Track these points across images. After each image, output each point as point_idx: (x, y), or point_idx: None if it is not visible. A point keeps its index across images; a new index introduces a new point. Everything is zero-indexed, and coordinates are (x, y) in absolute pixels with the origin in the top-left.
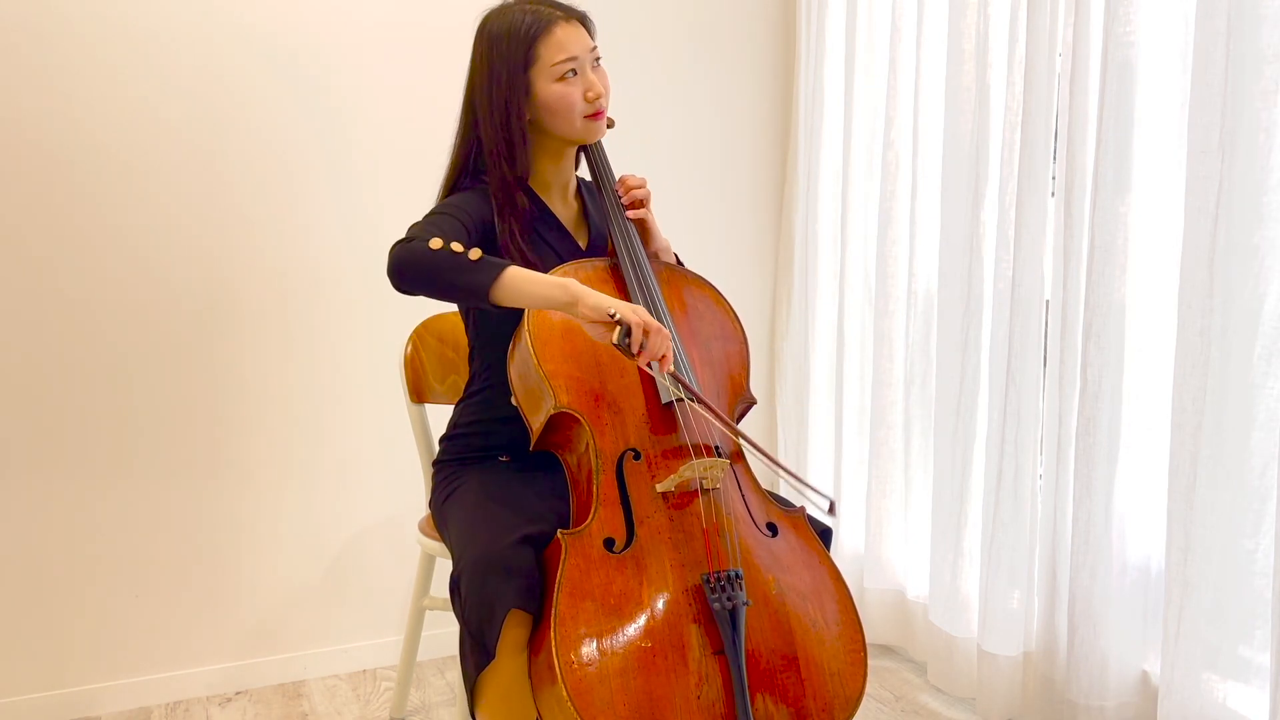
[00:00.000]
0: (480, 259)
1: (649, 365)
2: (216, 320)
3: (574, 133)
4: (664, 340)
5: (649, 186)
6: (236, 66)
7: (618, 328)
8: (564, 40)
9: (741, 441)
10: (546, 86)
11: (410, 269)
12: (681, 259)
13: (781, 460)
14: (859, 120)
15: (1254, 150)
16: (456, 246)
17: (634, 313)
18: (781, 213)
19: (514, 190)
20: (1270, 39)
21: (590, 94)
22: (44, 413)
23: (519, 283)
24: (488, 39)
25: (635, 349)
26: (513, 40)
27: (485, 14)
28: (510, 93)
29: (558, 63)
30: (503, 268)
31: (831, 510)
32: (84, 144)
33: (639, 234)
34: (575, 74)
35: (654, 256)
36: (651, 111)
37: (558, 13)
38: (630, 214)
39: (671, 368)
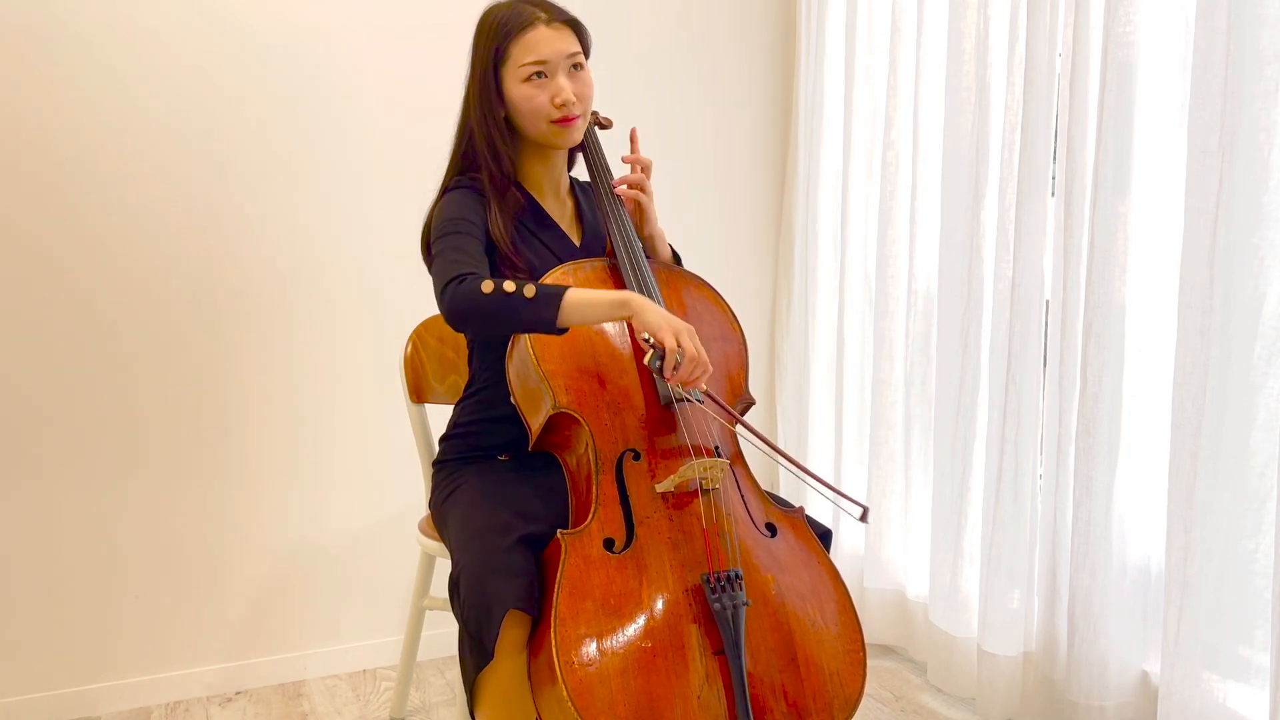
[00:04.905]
0: (536, 295)
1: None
2: (215, 320)
3: (541, 136)
4: (696, 368)
5: (650, 172)
6: (236, 66)
7: (650, 351)
8: (535, 42)
9: (775, 455)
10: (514, 87)
11: (471, 317)
12: (677, 250)
13: (810, 469)
14: (859, 120)
15: (1254, 150)
16: (509, 286)
17: (674, 336)
18: (781, 213)
19: (504, 186)
20: (1270, 39)
21: (556, 99)
22: (43, 413)
23: (580, 306)
24: (476, 33)
25: (668, 374)
26: (490, 37)
27: (485, 9)
28: (484, 89)
29: (524, 64)
30: (560, 296)
31: (864, 518)
32: (84, 146)
33: (635, 216)
34: (543, 76)
35: (648, 240)
36: (651, 112)
37: (542, 15)
38: (629, 193)
39: (704, 387)
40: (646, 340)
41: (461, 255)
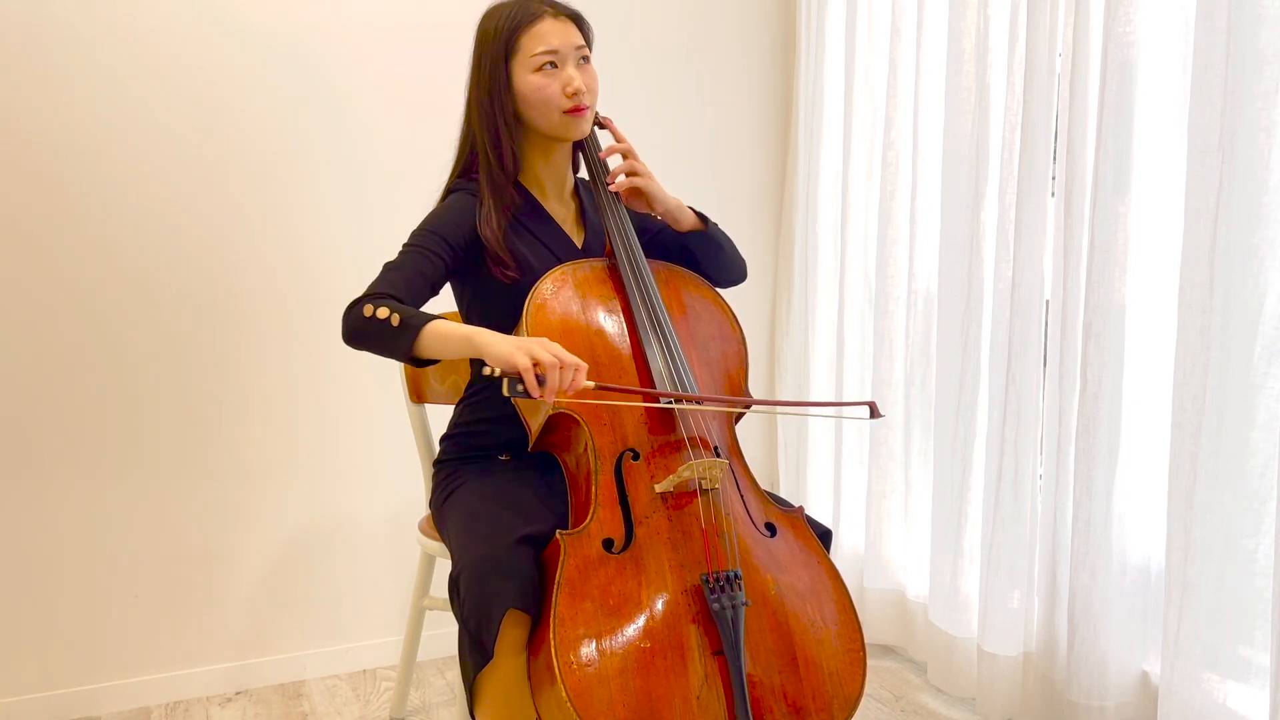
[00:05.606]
0: (400, 324)
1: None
2: (216, 320)
3: (552, 127)
4: (565, 372)
5: (635, 154)
6: (235, 66)
7: (505, 381)
8: (545, 32)
9: (778, 409)
10: (524, 77)
11: (356, 340)
12: (701, 212)
13: (801, 408)
14: (859, 120)
15: (1254, 150)
16: (381, 313)
17: (526, 355)
18: (781, 213)
19: (503, 186)
20: (1270, 39)
21: (568, 89)
22: (43, 413)
23: (435, 339)
24: (480, 32)
25: (536, 393)
26: (499, 31)
27: (485, 10)
28: (493, 83)
29: (536, 54)
30: (419, 328)
31: (874, 414)
32: (84, 145)
33: (641, 202)
34: (554, 67)
35: (665, 216)
36: (651, 112)
37: (547, 8)
38: (623, 184)
39: (584, 385)
40: (496, 373)
41: (392, 275)
